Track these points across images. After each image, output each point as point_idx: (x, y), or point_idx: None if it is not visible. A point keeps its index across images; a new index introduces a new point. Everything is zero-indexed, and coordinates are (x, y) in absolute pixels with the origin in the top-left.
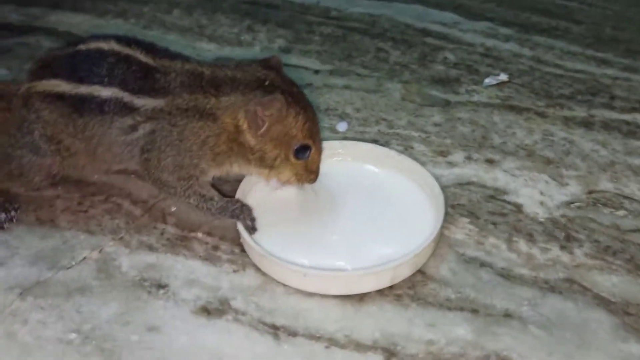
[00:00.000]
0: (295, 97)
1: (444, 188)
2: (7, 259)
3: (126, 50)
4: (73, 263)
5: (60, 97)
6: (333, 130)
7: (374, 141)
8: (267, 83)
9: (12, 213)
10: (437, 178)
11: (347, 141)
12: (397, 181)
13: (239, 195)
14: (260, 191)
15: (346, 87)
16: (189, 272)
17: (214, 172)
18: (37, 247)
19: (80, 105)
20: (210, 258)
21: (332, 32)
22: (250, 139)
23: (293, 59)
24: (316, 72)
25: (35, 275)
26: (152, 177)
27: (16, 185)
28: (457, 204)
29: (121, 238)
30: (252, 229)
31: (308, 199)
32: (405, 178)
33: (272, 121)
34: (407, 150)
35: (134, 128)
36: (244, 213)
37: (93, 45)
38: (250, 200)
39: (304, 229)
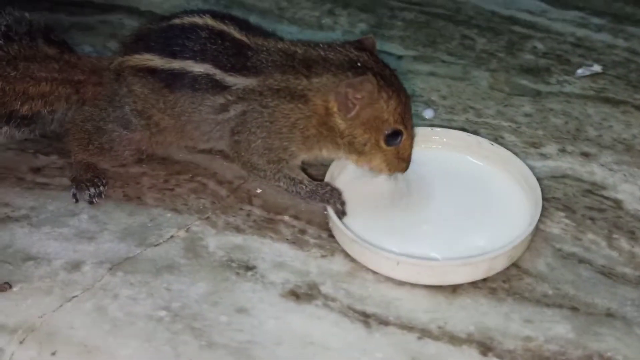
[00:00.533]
0: (388, 79)
1: (537, 180)
2: (97, 234)
3: (221, 26)
4: (161, 241)
5: (152, 71)
6: (419, 117)
7: (463, 129)
8: (359, 64)
9: (101, 188)
10: (530, 169)
11: (438, 128)
12: (490, 171)
13: (327, 178)
14: (349, 175)
15: (431, 73)
16: (276, 255)
17: (303, 156)
18: (125, 223)
19: (172, 81)
20: (297, 242)
21: (415, 18)
22: (340, 122)
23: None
24: (399, 57)
25: (124, 251)
26: (242, 160)
27: (106, 159)
28: (552, 197)
29: (207, 218)
30: (342, 213)
31: (399, 185)
32: (498, 168)
33: (363, 104)
34: (497, 140)
35: (224, 108)
36: (334, 197)
37: (187, 19)
38: (339, 184)
39: (394, 216)
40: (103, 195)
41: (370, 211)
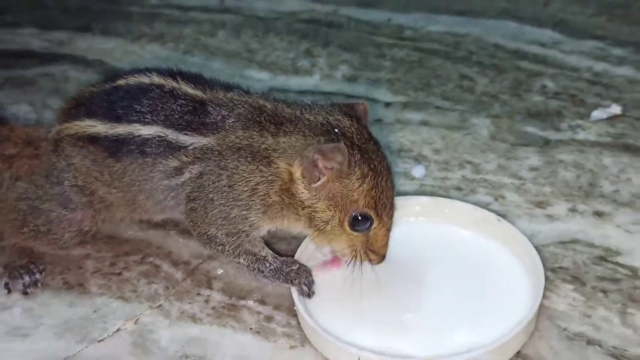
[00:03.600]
0: (369, 156)
1: (542, 247)
2: (31, 330)
3: (171, 83)
4: (105, 335)
5: (94, 139)
6: (407, 175)
7: (457, 189)
8: (336, 130)
9: (37, 276)
10: (534, 235)
11: (429, 197)
12: (495, 251)
13: (299, 255)
14: (325, 253)
15: (423, 123)
16: (238, 348)
17: (266, 227)
18: (65, 316)
19: (118, 148)
20: (262, 331)
21: (406, 56)
22: (302, 191)
23: (360, 89)
24: (387, 105)
25: (63, 349)
26: (198, 231)
27: (43, 243)
28: (559, 267)
29: (160, 306)
30: (307, 295)
31: (381, 267)
32: (505, 248)
33: (332, 176)
34: (497, 200)
35: (179, 171)
36: (300, 276)
37: (133, 79)
38: (312, 263)
39: (372, 303)
40: (39, 284)
41: (343, 296)
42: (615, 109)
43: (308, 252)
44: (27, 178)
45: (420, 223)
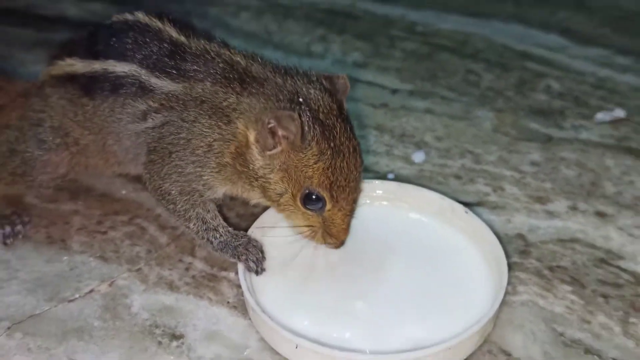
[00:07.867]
0: (331, 132)
1: (540, 243)
2: (3, 283)
3: (155, 24)
4: (77, 296)
5: (71, 78)
6: (407, 160)
7: (457, 177)
8: (300, 100)
9: (18, 227)
10: (532, 230)
11: (395, 182)
12: (459, 244)
13: (254, 228)
14: (284, 229)
15: (428, 111)
16: (211, 321)
17: (221, 188)
18: (40, 271)
19: (92, 86)
20: (240, 306)
21: (417, 49)
22: (257, 157)
23: (368, 75)
24: (394, 91)
25: (31, 306)
26: (153, 185)
27: (21, 187)
28: (557, 265)
29: (138, 270)
30: (255, 271)
31: (337, 251)
32: (469, 242)
33: (287, 147)
34: (495, 191)
35: (144, 115)
36: (250, 252)
37: (117, 17)
38: (266, 240)
39: (323, 286)
40: (20, 236)
41: (294, 276)
42: (619, 113)
43: (263, 228)
44: (13, 124)
45: (384, 208)
